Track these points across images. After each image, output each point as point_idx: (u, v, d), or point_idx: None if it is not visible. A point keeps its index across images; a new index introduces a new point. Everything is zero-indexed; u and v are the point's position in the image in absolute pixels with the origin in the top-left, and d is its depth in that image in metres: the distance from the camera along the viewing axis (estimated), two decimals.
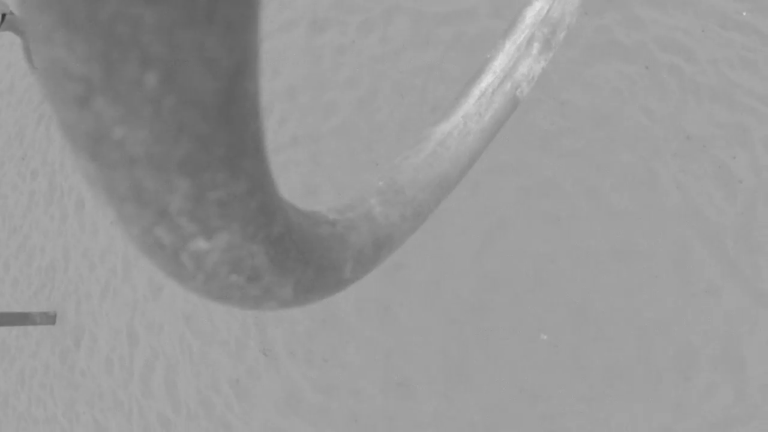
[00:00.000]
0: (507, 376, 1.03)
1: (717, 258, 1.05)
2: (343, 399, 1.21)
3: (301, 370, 1.30)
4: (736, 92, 1.09)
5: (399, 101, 1.02)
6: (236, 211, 0.14)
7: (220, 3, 0.10)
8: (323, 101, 1.06)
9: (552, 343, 1.00)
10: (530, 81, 0.39)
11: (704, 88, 1.08)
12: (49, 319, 1.61)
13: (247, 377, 1.38)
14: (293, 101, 1.21)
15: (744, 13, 1.14)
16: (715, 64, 1.10)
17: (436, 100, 1.04)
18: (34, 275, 1.81)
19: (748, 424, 0.93)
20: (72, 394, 1.75)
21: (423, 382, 1.13)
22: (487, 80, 0.38)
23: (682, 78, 1.07)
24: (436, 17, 1.10)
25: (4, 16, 1.88)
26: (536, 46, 0.39)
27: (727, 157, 1.06)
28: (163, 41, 0.10)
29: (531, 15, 0.39)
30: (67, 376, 1.80)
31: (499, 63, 0.38)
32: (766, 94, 1.12)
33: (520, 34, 0.39)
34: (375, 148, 1.02)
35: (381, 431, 1.12)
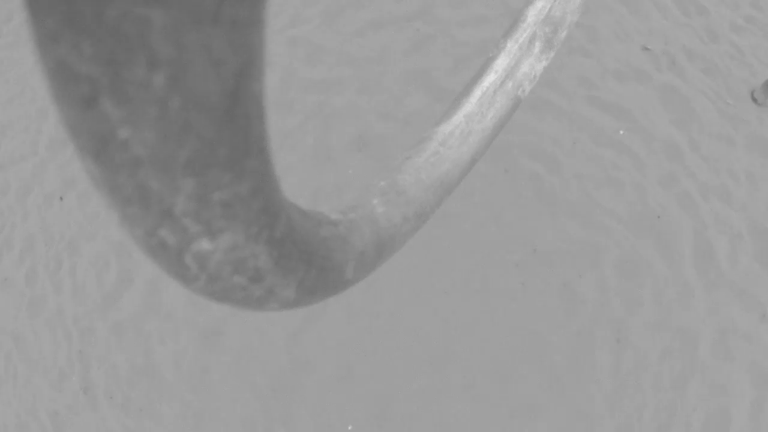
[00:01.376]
0: None
1: (544, 376, 1.02)
2: None
3: (117, 415, 1.22)
4: (596, 211, 1.08)
5: None
6: (240, 211, 0.14)
7: (226, 3, 0.10)
8: None
9: None
10: (532, 80, 0.39)
11: (562, 202, 1.07)
12: None
13: (66, 411, 1.29)
14: None
15: (621, 132, 1.14)
16: (580, 179, 1.09)
17: (283, 169, 1.00)
18: None
19: None
20: None
21: None
22: (489, 79, 0.37)
23: (541, 188, 1.06)
24: (304, 81, 1.06)
25: None
26: (538, 45, 0.39)
27: (573, 275, 1.04)
28: (170, 42, 0.10)
29: (532, 14, 0.39)
30: None
31: (501, 62, 0.38)
32: (627, 216, 1.11)
33: (521, 33, 0.39)
34: None
35: None
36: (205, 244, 0.14)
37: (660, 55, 1.29)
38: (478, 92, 0.37)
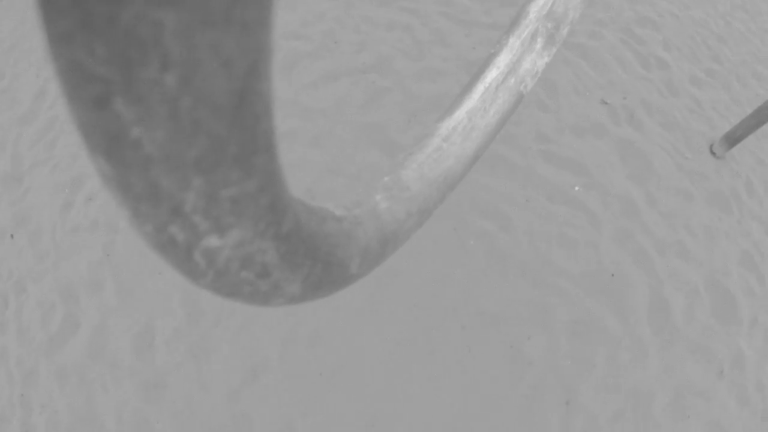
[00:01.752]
0: None
1: None
2: None
3: None
4: (547, 270, 1.07)
5: None
6: (248, 208, 0.14)
7: (237, 4, 0.10)
8: None
9: None
10: (534, 76, 0.39)
11: (512, 261, 1.05)
12: None
13: None
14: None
15: (576, 188, 1.14)
16: (531, 237, 1.08)
17: None
18: None
19: None
20: None
21: None
22: (491, 75, 0.37)
23: (491, 247, 1.05)
24: None
25: None
26: (540, 41, 0.39)
27: (522, 337, 1.03)
28: (182, 43, 0.10)
29: (534, 10, 0.39)
30: None
31: (503, 58, 0.38)
32: (579, 275, 1.10)
33: (523, 29, 0.39)
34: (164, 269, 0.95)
35: None
36: (213, 241, 0.15)
37: (619, 109, 1.30)
38: (480, 88, 0.37)
